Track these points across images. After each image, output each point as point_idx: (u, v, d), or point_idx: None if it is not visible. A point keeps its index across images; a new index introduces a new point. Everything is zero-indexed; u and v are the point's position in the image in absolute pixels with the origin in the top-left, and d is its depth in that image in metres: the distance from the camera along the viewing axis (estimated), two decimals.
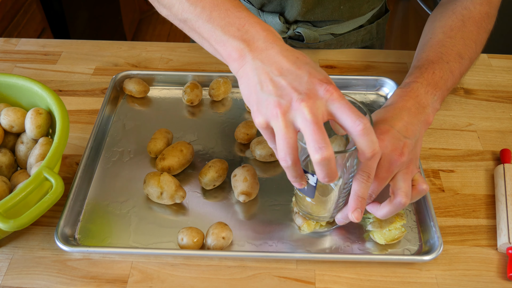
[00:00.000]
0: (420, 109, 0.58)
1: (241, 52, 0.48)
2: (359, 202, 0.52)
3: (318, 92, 0.45)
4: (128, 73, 0.80)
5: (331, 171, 0.45)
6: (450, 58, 0.63)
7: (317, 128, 0.44)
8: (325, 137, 0.44)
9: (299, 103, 0.44)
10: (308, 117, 0.44)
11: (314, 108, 0.44)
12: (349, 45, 0.91)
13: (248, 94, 0.48)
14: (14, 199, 0.50)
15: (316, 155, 0.44)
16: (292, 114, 0.45)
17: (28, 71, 0.84)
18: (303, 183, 0.51)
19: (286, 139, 0.45)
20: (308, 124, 0.44)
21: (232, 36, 0.49)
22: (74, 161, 0.69)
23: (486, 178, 0.68)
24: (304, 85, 0.45)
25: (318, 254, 0.58)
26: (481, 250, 0.59)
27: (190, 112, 0.77)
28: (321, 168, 0.45)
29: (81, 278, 0.56)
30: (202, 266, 0.58)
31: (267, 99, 0.46)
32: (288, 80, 0.46)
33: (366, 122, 0.45)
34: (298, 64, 0.47)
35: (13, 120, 0.63)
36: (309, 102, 0.44)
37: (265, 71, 0.47)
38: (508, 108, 0.79)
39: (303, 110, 0.44)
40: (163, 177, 0.62)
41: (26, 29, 1.61)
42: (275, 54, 0.47)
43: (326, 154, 0.44)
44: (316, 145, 0.44)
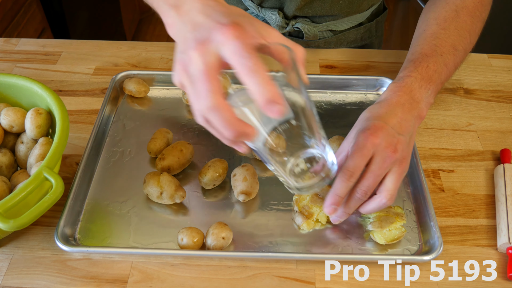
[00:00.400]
0: (414, 104, 0.57)
1: (172, 19, 0.47)
2: (334, 199, 0.53)
3: (213, 36, 0.42)
4: (128, 73, 0.80)
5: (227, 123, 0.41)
6: (444, 50, 0.63)
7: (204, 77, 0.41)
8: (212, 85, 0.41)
9: (190, 52, 0.42)
10: (197, 66, 0.41)
11: (205, 55, 0.41)
12: (349, 43, 0.91)
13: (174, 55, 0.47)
14: (14, 199, 0.50)
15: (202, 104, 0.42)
16: (189, 66, 0.42)
17: (28, 71, 0.84)
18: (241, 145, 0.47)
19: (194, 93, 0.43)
20: (198, 74, 0.42)
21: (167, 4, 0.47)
22: (74, 161, 0.69)
23: (486, 178, 0.68)
24: (202, 31, 0.43)
25: (318, 254, 0.58)
26: (481, 250, 0.59)
27: (190, 112, 0.77)
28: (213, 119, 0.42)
29: (81, 278, 0.56)
30: (202, 266, 0.58)
31: (176, 57, 0.45)
32: (195, 34, 0.43)
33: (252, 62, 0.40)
34: (212, 16, 0.43)
35: (13, 120, 0.63)
36: (200, 49, 0.41)
37: (182, 31, 0.45)
38: (508, 108, 0.79)
39: (193, 59, 0.42)
40: (163, 177, 0.62)
41: (26, 29, 1.61)
42: (195, 13, 0.45)
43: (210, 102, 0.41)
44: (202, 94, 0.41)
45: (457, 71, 0.84)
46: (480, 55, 0.89)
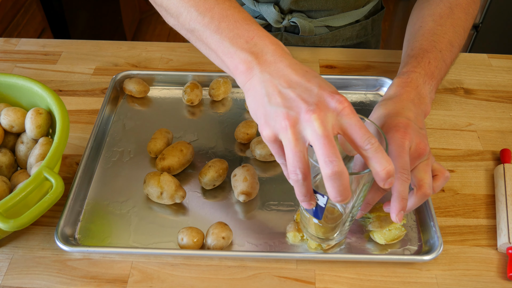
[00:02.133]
0: (421, 100, 0.58)
1: (249, 65, 0.47)
2: (402, 203, 0.51)
3: (329, 104, 0.44)
4: (128, 73, 0.80)
5: (343, 188, 0.43)
6: (442, 47, 0.64)
7: (328, 141, 0.42)
8: (336, 151, 0.42)
9: (310, 114, 0.43)
10: (318, 129, 0.42)
11: (325, 120, 0.43)
12: (344, 40, 0.91)
13: (255, 107, 0.47)
14: (14, 199, 0.50)
15: (327, 168, 0.42)
16: (302, 126, 0.43)
17: (28, 71, 0.84)
18: (312, 203, 0.48)
19: (296, 152, 0.44)
20: (318, 137, 0.42)
21: (240, 48, 0.48)
22: (74, 161, 0.69)
23: (486, 178, 0.68)
24: (314, 96, 0.44)
25: (318, 254, 0.58)
26: (481, 250, 0.59)
27: (190, 112, 0.77)
28: (332, 183, 0.43)
29: (81, 278, 0.56)
30: (202, 266, 0.58)
31: (275, 111, 0.44)
32: (297, 92, 0.44)
33: (375, 142, 0.43)
34: (307, 76, 0.46)
35: (13, 120, 0.63)
36: (320, 113, 0.43)
37: (273, 84, 0.45)
38: (508, 108, 0.79)
39: (313, 122, 0.42)
40: (163, 177, 0.62)
41: (26, 29, 1.61)
42: (284, 67, 0.46)
43: (337, 168, 0.42)
44: (327, 158, 0.42)
45: (457, 71, 0.85)
46: (480, 55, 0.89)
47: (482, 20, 1.67)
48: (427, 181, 0.53)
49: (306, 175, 0.44)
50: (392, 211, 0.52)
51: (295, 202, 0.64)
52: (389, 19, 2.61)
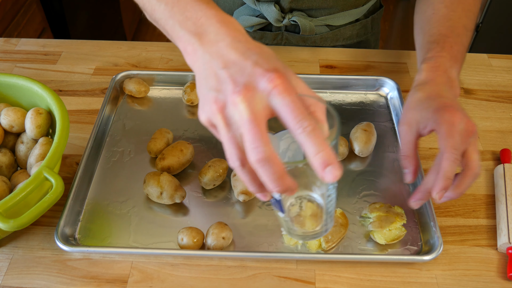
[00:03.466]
0: (452, 83, 0.59)
1: (193, 46, 0.45)
2: (446, 183, 0.50)
3: (259, 83, 0.40)
4: (128, 73, 0.80)
5: (277, 177, 0.39)
6: (459, 31, 0.65)
7: (253, 126, 0.39)
8: (262, 135, 0.39)
9: (235, 96, 0.39)
10: (243, 112, 0.39)
11: (252, 102, 0.39)
12: (345, 39, 0.91)
13: (198, 91, 0.45)
14: (14, 199, 0.50)
15: (251, 155, 0.39)
16: (230, 109, 0.40)
17: (28, 71, 0.84)
18: (265, 194, 0.44)
19: (229, 138, 0.41)
20: (244, 122, 0.39)
21: (187, 31, 0.46)
22: (74, 161, 0.69)
23: (486, 178, 0.68)
24: (246, 76, 0.40)
25: (318, 254, 0.58)
26: (481, 250, 0.59)
27: (190, 112, 0.77)
28: (262, 171, 0.39)
29: (81, 278, 0.56)
30: (202, 266, 0.58)
31: (208, 94, 0.42)
32: (230, 72, 0.41)
33: (309, 124, 0.38)
34: (247, 54, 0.42)
35: (13, 120, 0.63)
36: (247, 94, 0.39)
37: (211, 65, 0.43)
38: (508, 108, 0.79)
39: (238, 104, 0.39)
40: (163, 177, 0.62)
41: (26, 29, 1.61)
42: (224, 47, 0.43)
43: (262, 154, 0.38)
44: (251, 144, 0.39)
45: None
46: (480, 55, 0.89)
47: (482, 20, 1.67)
48: (477, 161, 0.52)
49: (244, 162, 0.41)
50: (434, 189, 0.51)
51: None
52: (389, 19, 2.61)
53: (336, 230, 0.59)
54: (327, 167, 0.38)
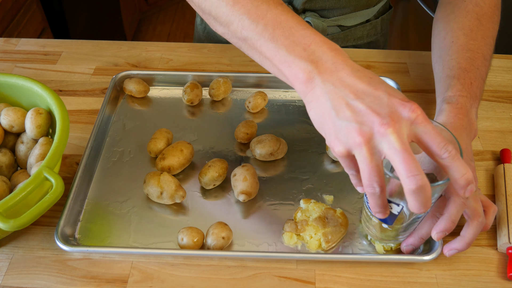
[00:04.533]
0: (471, 126, 0.59)
1: (309, 74, 0.45)
2: (449, 225, 0.51)
3: (402, 113, 0.42)
4: (128, 73, 0.80)
5: (426, 200, 0.42)
6: (479, 64, 0.63)
7: (408, 155, 0.41)
8: (416, 164, 0.41)
9: (385, 128, 0.41)
10: (395, 143, 0.41)
11: (400, 132, 0.41)
12: (355, 40, 0.92)
13: (322, 121, 0.45)
14: (14, 199, 0.50)
15: (411, 184, 0.41)
16: (377, 140, 0.42)
17: (28, 71, 0.84)
18: (387, 212, 0.48)
19: (373, 167, 0.42)
20: (397, 152, 0.41)
21: (298, 57, 0.46)
22: (74, 161, 0.69)
23: (486, 178, 0.68)
24: (385, 107, 0.42)
25: (318, 254, 0.58)
26: (481, 250, 0.59)
27: (190, 112, 0.77)
28: (416, 197, 0.42)
29: (81, 278, 0.56)
30: (202, 266, 0.58)
31: (347, 126, 0.43)
32: (366, 103, 0.42)
33: (452, 149, 0.42)
34: (373, 84, 0.44)
35: (13, 120, 0.63)
36: (395, 126, 0.41)
37: (339, 95, 0.43)
38: (508, 108, 0.79)
39: (389, 136, 0.41)
40: (163, 177, 0.62)
41: (26, 29, 1.61)
42: (347, 76, 0.44)
43: (421, 182, 0.41)
44: (410, 173, 0.41)
45: None
46: None
47: None
48: (480, 210, 0.53)
49: (382, 188, 0.44)
50: (435, 228, 0.52)
51: (295, 201, 0.64)
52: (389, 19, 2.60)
53: (336, 230, 0.59)
54: (468, 186, 0.44)
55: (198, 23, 1.02)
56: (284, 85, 0.79)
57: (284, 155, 0.69)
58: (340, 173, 0.67)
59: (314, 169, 0.68)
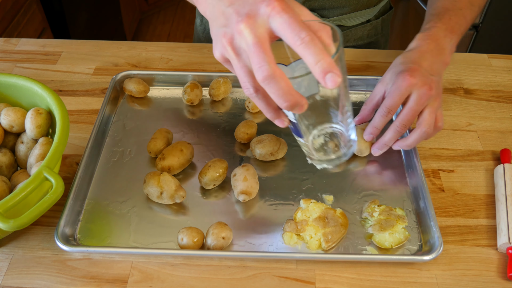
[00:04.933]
0: (441, 51, 0.64)
1: None
2: (372, 130, 0.63)
3: (260, 10, 0.42)
4: (128, 73, 0.80)
5: (283, 92, 0.41)
6: (462, 5, 0.69)
7: (257, 48, 0.41)
8: (266, 55, 0.41)
9: (239, 25, 0.42)
10: (247, 38, 0.42)
11: (254, 27, 0.42)
12: (356, 40, 0.92)
13: (211, 34, 0.47)
14: (14, 199, 0.50)
15: (258, 75, 0.41)
16: (237, 39, 0.43)
17: (28, 71, 0.84)
18: (283, 119, 0.48)
19: (240, 67, 0.44)
20: (249, 46, 0.42)
21: None
22: (74, 161, 0.69)
23: (486, 178, 0.68)
24: (248, 6, 0.43)
25: (318, 254, 0.58)
26: (481, 250, 0.59)
27: (190, 112, 0.77)
28: (269, 89, 0.42)
29: (81, 278, 0.56)
30: (202, 266, 0.58)
31: (218, 32, 0.45)
32: (234, 7, 0.44)
33: (307, 35, 0.40)
34: None
35: (13, 120, 0.63)
36: (248, 21, 0.42)
37: (218, 7, 0.45)
38: (508, 108, 0.79)
39: (242, 32, 0.42)
40: (163, 177, 0.62)
41: (26, 29, 1.61)
42: None
43: (267, 72, 0.41)
44: (257, 65, 0.41)
45: (457, 71, 0.85)
46: (480, 55, 0.89)
47: (482, 20, 1.67)
48: (428, 121, 0.60)
49: (257, 88, 0.44)
50: (364, 133, 0.64)
51: (295, 201, 0.64)
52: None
53: (336, 230, 0.59)
54: (327, 74, 0.40)
55: (198, 24, 1.02)
56: None
57: (284, 155, 0.69)
58: (340, 173, 0.67)
59: (314, 169, 0.68)
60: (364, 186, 0.66)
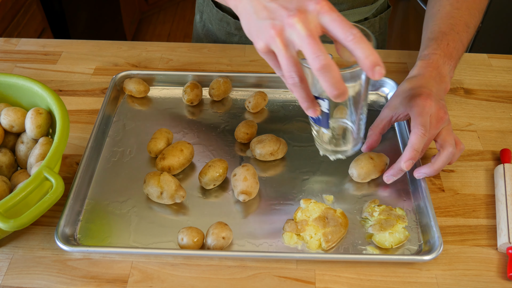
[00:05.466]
0: (442, 79, 0.65)
1: None
2: (412, 154, 0.59)
3: (308, 7, 0.46)
4: (128, 73, 0.80)
5: (335, 81, 0.45)
6: (459, 29, 0.69)
7: (312, 39, 0.45)
8: (321, 46, 0.45)
9: (291, 19, 0.45)
10: (301, 31, 0.45)
11: (306, 22, 0.45)
12: None
13: (247, 26, 0.50)
14: (14, 199, 0.50)
15: (315, 63, 0.45)
16: (287, 32, 0.46)
17: (28, 71, 0.84)
18: (316, 108, 0.52)
19: (288, 57, 0.47)
20: (303, 38, 0.45)
21: None
22: (74, 161, 0.69)
23: (486, 178, 0.68)
24: (294, 3, 0.47)
25: (318, 254, 0.58)
26: (481, 250, 0.59)
27: (190, 112, 0.77)
28: (324, 77, 0.45)
29: (81, 278, 0.56)
30: (202, 266, 0.58)
31: (263, 24, 0.48)
32: (278, 2, 0.47)
33: (357, 32, 0.45)
34: None
35: (13, 120, 0.63)
36: (300, 16, 0.45)
37: (258, 1, 0.49)
38: (508, 108, 0.79)
39: (295, 25, 0.45)
40: (163, 177, 0.62)
41: (26, 29, 1.61)
42: None
43: (324, 61, 0.44)
44: (313, 54, 0.45)
45: (457, 71, 0.85)
46: (480, 55, 0.89)
47: (482, 20, 1.67)
48: (450, 142, 0.60)
49: (301, 77, 0.48)
50: (401, 159, 0.60)
51: (295, 201, 0.64)
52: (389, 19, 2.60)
53: (336, 230, 0.59)
54: (376, 67, 0.45)
55: (197, 20, 1.02)
56: (284, 85, 0.79)
57: (284, 155, 0.69)
58: (340, 173, 0.67)
59: (314, 169, 0.68)
60: (364, 186, 0.66)
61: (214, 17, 0.95)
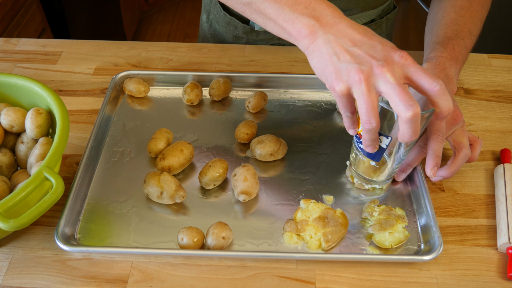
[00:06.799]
0: (449, 80, 0.65)
1: (312, 28, 0.51)
2: (435, 160, 0.60)
3: (394, 58, 0.49)
4: (128, 73, 0.80)
5: (417, 127, 0.48)
6: (463, 35, 0.71)
7: (402, 89, 0.47)
8: (412, 96, 0.47)
9: (380, 68, 0.48)
10: (391, 80, 0.47)
11: (394, 72, 0.48)
12: None
13: (323, 66, 0.51)
14: (14, 199, 0.50)
15: (408, 112, 0.47)
16: (374, 79, 0.48)
17: (28, 71, 0.84)
18: (376, 146, 0.54)
19: (370, 102, 0.48)
20: (393, 87, 0.47)
21: (301, 14, 0.52)
22: (74, 161, 0.69)
23: (486, 178, 0.68)
24: (380, 52, 0.49)
25: (318, 254, 0.58)
26: (481, 250, 0.59)
27: (190, 112, 0.77)
28: (411, 125, 0.48)
29: (81, 278, 0.56)
30: (202, 266, 0.58)
31: (347, 67, 0.49)
32: (363, 49, 0.49)
33: (442, 83, 0.49)
34: (368, 35, 0.50)
35: (13, 120, 0.63)
36: (389, 67, 0.48)
37: (338, 43, 0.50)
38: (508, 108, 0.79)
39: (385, 74, 0.48)
40: (163, 177, 0.62)
41: (26, 29, 1.61)
42: (345, 28, 0.51)
43: (416, 110, 0.47)
44: (406, 103, 0.47)
45: None
46: (480, 55, 0.89)
47: None
48: (465, 143, 0.62)
49: (378, 122, 0.50)
50: (427, 167, 0.61)
51: (295, 201, 0.64)
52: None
53: (336, 230, 0.59)
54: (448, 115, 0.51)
55: (203, 20, 1.02)
56: (284, 85, 0.79)
57: (284, 155, 0.69)
58: (340, 173, 0.67)
59: (314, 169, 0.68)
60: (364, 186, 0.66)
61: (221, 19, 0.94)
